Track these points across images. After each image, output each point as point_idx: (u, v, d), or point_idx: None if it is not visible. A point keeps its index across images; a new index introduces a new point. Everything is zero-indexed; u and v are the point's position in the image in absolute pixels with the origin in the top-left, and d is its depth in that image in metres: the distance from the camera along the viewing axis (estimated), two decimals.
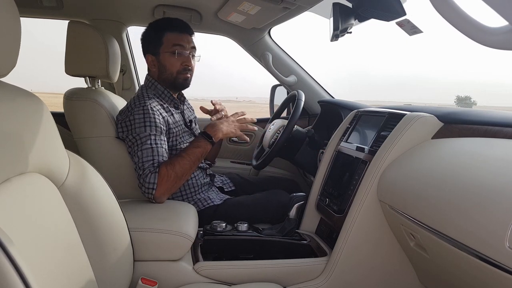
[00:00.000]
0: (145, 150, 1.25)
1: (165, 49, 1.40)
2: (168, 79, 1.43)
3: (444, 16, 0.47)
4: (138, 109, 1.30)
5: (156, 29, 1.42)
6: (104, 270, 0.84)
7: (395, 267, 1.14)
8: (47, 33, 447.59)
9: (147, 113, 1.29)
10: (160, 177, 1.21)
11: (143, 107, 1.30)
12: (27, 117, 0.69)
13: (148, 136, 1.26)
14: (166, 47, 1.40)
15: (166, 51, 1.40)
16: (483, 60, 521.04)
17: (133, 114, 1.30)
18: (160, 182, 1.21)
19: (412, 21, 1.05)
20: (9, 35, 0.64)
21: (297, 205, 1.27)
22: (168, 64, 1.41)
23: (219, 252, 1.21)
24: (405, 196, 0.93)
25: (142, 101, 1.32)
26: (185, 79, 1.44)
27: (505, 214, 0.65)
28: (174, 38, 1.40)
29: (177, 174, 1.23)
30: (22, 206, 0.64)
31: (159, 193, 1.21)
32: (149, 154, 1.24)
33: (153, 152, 1.25)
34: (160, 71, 1.43)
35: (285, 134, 1.52)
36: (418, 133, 1.07)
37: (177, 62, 1.41)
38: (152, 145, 1.25)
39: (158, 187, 1.21)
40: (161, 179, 1.21)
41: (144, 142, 1.26)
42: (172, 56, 1.40)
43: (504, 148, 0.82)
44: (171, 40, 1.40)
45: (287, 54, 2.05)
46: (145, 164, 1.23)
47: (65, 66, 1.40)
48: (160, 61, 1.42)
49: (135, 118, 1.29)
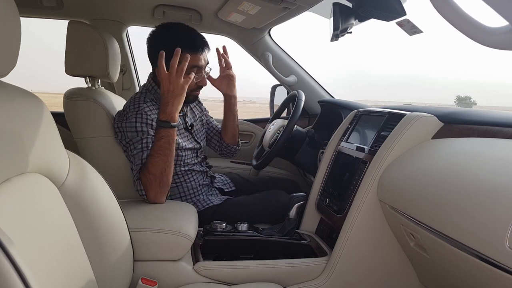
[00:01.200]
0: (136, 155, 1.25)
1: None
2: None
3: (444, 16, 0.47)
4: (132, 113, 1.28)
5: (172, 42, 1.27)
6: (104, 270, 0.84)
7: (395, 267, 1.14)
8: (47, 33, 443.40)
9: (140, 117, 1.27)
10: (143, 183, 1.21)
11: (137, 111, 1.28)
12: (27, 117, 0.69)
13: (139, 141, 1.25)
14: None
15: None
16: (483, 60, 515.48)
17: (126, 119, 1.29)
18: (146, 187, 1.21)
19: (412, 21, 1.05)
20: (9, 35, 0.64)
21: (297, 205, 1.27)
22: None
23: (219, 252, 1.21)
24: (405, 196, 0.93)
25: (137, 105, 1.30)
26: (195, 96, 1.44)
27: (505, 214, 0.65)
28: (192, 59, 1.28)
29: (155, 174, 1.20)
30: (22, 206, 0.64)
31: (151, 197, 1.22)
32: (139, 158, 1.24)
33: (142, 156, 1.24)
34: None
35: (285, 134, 1.52)
36: (418, 133, 1.07)
37: (193, 82, 1.33)
38: (143, 149, 1.24)
39: (147, 192, 1.21)
40: (144, 184, 1.21)
41: (135, 147, 1.25)
42: (187, 75, 1.27)
43: (504, 148, 0.82)
44: (189, 61, 1.25)
45: (287, 54, 2.05)
46: (134, 171, 1.24)
47: (65, 66, 1.40)
48: None
49: (127, 124, 1.27)
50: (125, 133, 1.28)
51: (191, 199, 1.43)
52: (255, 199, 1.49)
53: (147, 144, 1.25)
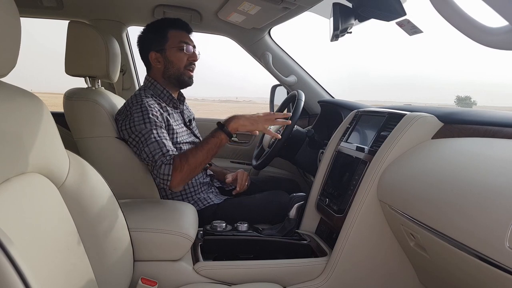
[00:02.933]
0: (151, 144, 1.26)
1: (172, 45, 1.42)
2: (174, 75, 1.44)
3: (444, 16, 0.47)
4: (136, 107, 1.31)
5: (159, 27, 1.44)
6: (104, 270, 0.84)
7: (395, 267, 1.14)
8: (47, 33, 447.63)
9: (145, 110, 1.30)
10: (174, 168, 1.22)
11: (141, 105, 1.31)
12: (27, 117, 0.69)
13: (150, 132, 1.27)
14: (172, 43, 1.42)
15: (172, 47, 1.42)
16: (483, 60, 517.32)
17: (131, 113, 1.30)
18: (174, 173, 1.22)
19: (412, 21, 1.05)
20: (9, 35, 0.64)
21: (297, 205, 1.27)
22: (175, 59, 1.43)
23: (219, 252, 1.21)
24: (405, 196, 0.93)
25: (139, 99, 1.33)
26: (190, 76, 1.46)
27: (505, 214, 0.65)
28: (180, 35, 1.43)
29: (191, 165, 1.24)
30: (22, 206, 0.64)
31: (174, 184, 1.23)
32: (156, 147, 1.25)
33: (159, 144, 1.25)
34: (166, 67, 1.44)
35: (285, 134, 1.52)
36: (418, 133, 1.07)
37: (184, 57, 1.43)
38: (156, 138, 1.26)
39: (173, 178, 1.22)
40: (175, 170, 1.22)
41: (148, 138, 1.26)
42: (179, 51, 1.42)
43: (504, 148, 0.82)
44: (177, 36, 1.43)
45: (287, 54, 2.05)
46: (155, 157, 1.24)
47: (65, 66, 1.40)
48: (166, 57, 1.43)
49: (134, 117, 1.29)
50: (133, 128, 1.29)
51: (192, 197, 1.44)
52: (255, 199, 1.49)
53: (158, 134, 1.27)
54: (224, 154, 2.14)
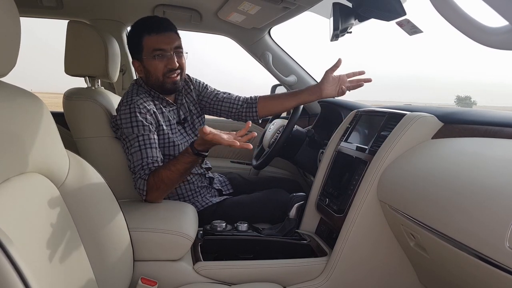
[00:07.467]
0: (134, 153, 1.24)
1: (146, 55, 1.33)
2: (155, 84, 1.36)
3: (444, 16, 0.47)
4: (125, 108, 1.28)
5: (134, 34, 1.35)
6: (104, 270, 0.84)
7: (395, 267, 1.14)
8: (47, 33, 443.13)
9: (133, 112, 1.26)
10: (149, 185, 1.20)
11: (129, 105, 1.27)
12: (27, 117, 0.69)
13: (135, 138, 1.25)
14: (146, 53, 1.33)
15: (146, 57, 1.33)
16: (484, 60, 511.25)
17: (119, 113, 1.28)
18: (149, 190, 1.21)
19: (412, 21, 1.05)
20: (9, 35, 0.64)
21: (297, 205, 1.27)
22: (152, 69, 1.34)
23: (219, 252, 1.21)
24: (405, 196, 0.93)
25: (129, 99, 1.29)
26: (174, 82, 1.36)
27: (505, 214, 0.65)
28: (153, 41, 1.32)
29: (167, 184, 1.21)
30: (22, 206, 0.64)
31: (150, 199, 1.22)
32: (138, 158, 1.23)
33: (142, 154, 1.23)
34: (147, 77, 1.37)
35: (285, 134, 1.52)
36: (418, 133, 1.07)
37: (160, 64, 1.33)
38: (140, 146, 1.24)
39: (148, 194, 1.21)
40: (149, 187, 1.20)
41: (132, 145, 1.25)
42: (153, 60, 1.32)
43: (504, 148, 0.82)
44: (150, 44, 1.32)
45: (287, 54, 2.05)
46: (136, 168, 1.23)
47: (65, 66, 1.40)
48: (144, 66, 1.35)
49: (122, 118, 1.27)
50: (121, 130, 1.28)
51: (190, 200, 1.43)
52: (255, 198, 1.48)
53: (143, 142, 1.25)
54: (224, 154, 2.14)
